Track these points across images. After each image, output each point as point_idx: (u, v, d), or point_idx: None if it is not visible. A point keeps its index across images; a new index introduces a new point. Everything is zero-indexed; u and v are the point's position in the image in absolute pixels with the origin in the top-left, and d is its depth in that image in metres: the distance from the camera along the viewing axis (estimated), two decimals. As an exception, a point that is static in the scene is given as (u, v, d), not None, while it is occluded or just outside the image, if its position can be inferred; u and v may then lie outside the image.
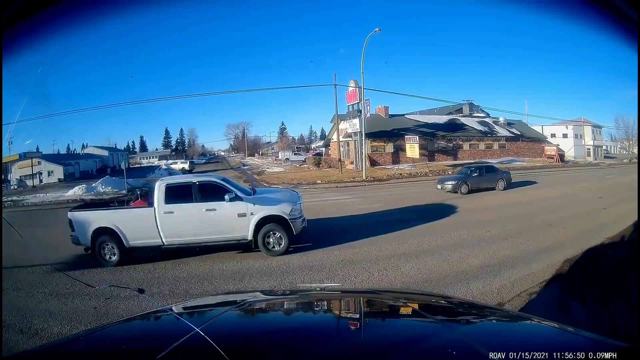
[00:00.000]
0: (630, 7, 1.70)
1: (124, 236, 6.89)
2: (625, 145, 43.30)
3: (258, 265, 6.49)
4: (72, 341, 1.66)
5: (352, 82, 26.66)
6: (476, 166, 17.11)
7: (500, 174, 16.35)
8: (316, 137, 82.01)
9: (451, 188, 15.00)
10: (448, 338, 1.24)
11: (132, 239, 6.95)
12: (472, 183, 15.18)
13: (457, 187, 14.89)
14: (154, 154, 67.65)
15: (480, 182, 15.50)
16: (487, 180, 15.72)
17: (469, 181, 15.22)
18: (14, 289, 5.71)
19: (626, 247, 6.76)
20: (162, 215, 6.86)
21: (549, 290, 5.02)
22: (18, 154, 32.41)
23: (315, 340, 1.28)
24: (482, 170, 16.10)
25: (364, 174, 23.07)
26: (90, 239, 6.94)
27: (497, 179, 15.94)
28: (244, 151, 67.18)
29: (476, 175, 15.64)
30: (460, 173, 16.79)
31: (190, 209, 6.92)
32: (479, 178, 15.59)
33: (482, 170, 16.10)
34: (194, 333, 1.17)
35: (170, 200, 6.90)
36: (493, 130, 35.64)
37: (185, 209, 6.90)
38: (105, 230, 6.89)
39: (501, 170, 17.22)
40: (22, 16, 1.71)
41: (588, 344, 1.24)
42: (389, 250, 7.05)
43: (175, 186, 7.11)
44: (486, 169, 16.47)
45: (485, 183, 15.61)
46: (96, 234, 6.91)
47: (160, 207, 6.89)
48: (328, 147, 38.59)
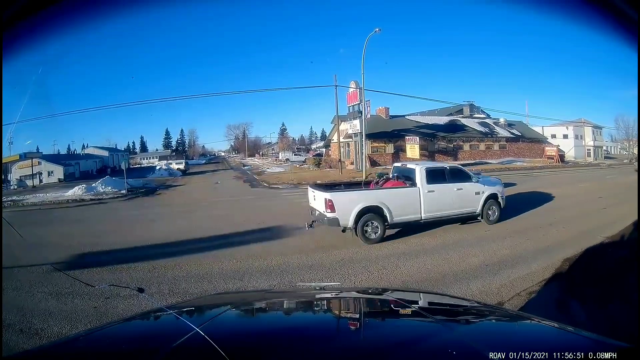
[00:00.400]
0: (630, 7, 1.70)
1: (389, 213, 7.69)
2: (626, 146, 43.28)
3: (258, 265, 6.49)
4: (72, 341, 1.66)
5: (352, 83, 26.67)
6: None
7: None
8: (317, 137, 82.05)
9: None
10: (448, 338, 1.24)
11: (397, 216, 7.80)
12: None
13: None
14: (154, 155, 67.62)
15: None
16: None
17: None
18: (14, 289, 5.70)
19: (626, 247, 6.76)
20: (425, 194, 8.15)
21: (548, 289, 5.02)
22: (18, 154, 32.41)
23: (315, 340, 1.28)
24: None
25: (364, 175, 23.06)
26: (354, 218, 7.45)
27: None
28: (244, 152, 67.19)
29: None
30: None
31: (445, 188, 8.44)
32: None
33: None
34: (194, 333, 1.17)
35: (430, 181, 8.26)
36: (493, 131, 35.65)
37: (442, 188, 8.37)
38: (370, 209, 7.56)
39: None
40: (22, 16, 1.71)
41: (588, 344, 1.24)
42: (388, 249, 7.05)
43: (432, 170, 8.58)
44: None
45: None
46: (361, 213, 7.49)
47: (423, 186, 8.18)
48: (328, 147, 38.59)
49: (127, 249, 8.16)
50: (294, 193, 17.84)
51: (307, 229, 8.24)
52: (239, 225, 10.17)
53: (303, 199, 15.36)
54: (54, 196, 20.20)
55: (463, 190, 8.68)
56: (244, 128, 71.05)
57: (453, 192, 8.54)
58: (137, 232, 9.91)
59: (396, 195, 8.03)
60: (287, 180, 22.62)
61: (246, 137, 69.23)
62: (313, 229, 8.30)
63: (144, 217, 12.61)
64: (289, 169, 31.07)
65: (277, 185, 21.19)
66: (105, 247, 8.40)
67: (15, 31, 1.73)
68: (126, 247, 8.32)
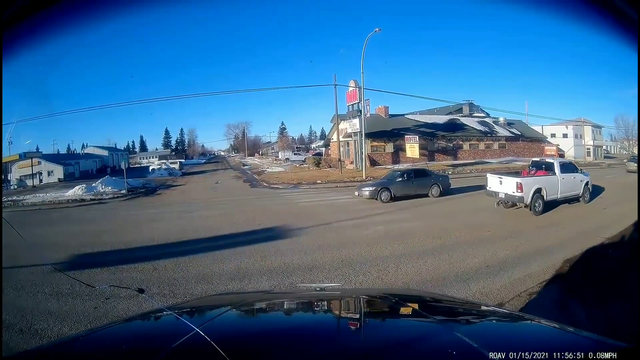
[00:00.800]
0: (630, 7, 1.69)
1: (546, 193, 10.60)
2: (625, 145, 43.33)
3: (258, 265, 6.49)
4: (72, 341, 1.66)
5: (352, 82, 26.67)
6: (404, 170, 15.34)
7: (435, 179, 14.68)
8: (316, 137, 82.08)
9: (369, 195, 13.50)
10: (448, 338, 1.24)
11: (548, 195, 10.67)
12: (395, 189, 13.60)
13: (376, 193, 13.36)
14: (154, 154, 67.59)
15: (407, 187, 13.85)
16: (416, 186, 13.98)
17: (392, 187, 13.63)
18: (14, 289, 5.70)
19: (626, 247, 6.76)
20: (561, 180, 11.14)
21: (549, 290, 5.03)
22: (18, 153, 32.42)
23: (315, 341, 1.28)
24: (410, 175, 14.39)
25: (364, 174, 23.07)
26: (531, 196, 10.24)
27: (429, 184, 14.20)
28: (244, 151, 67.20)
29: (402, 180, 14.02)
30: (384, 177, 15.24)
31: (568, 176, 11.47)
32: (406, 183, 13.94)
33: (410, 175, 14.39)
34: (194, 333, 1.17)
35: (562, 170, 11.30)
36: (493, 130, 35.63)
37: (567, 176, 11.42)
38: (538, 190, 10.42)
39: (437, 174, 15.67)
40: (22, 16, 1.71)
41: (588, 344, 1.24)
42: (388, 250, 7.06)
43: (562, 163, 11.84)
44: (416, 173, 14.63)
45: (414, 189, 13.90)
46: (533, 193, 10.32)
47: (559, 175, 11.20)
48: (328, 147, 38.58)
49: (128, 249, 8.17)
50: (294, 193, 17.86)
51: (496, 206, 11.20)
52: (239, 225, 10.18)
53: (303, 198, 15.44)
54: (54, 196, 20.20)
55: (575, 179, 11.73)
56: (243, 127, 71.11)
57: (571, 179, 11.57)
58: (137, 232, 9.91)
59: (547, 181, 10.92)
60: (287, 180, 22.63)
61: (246, 136, 69.27)
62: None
63: (144, 217, 12.61)
64: (289, 169, 31.08)
65: (277, 185, 21.20)
66: (105, 248, 8.40)
67: (15, 31, 1.73)
68: (126, 248, 8.33)
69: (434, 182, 14.31)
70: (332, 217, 10.65)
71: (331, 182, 21.33)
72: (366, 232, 8.71)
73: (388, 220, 10.21)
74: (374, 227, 9.24)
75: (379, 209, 12.07)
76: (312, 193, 17.56)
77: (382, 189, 13.40)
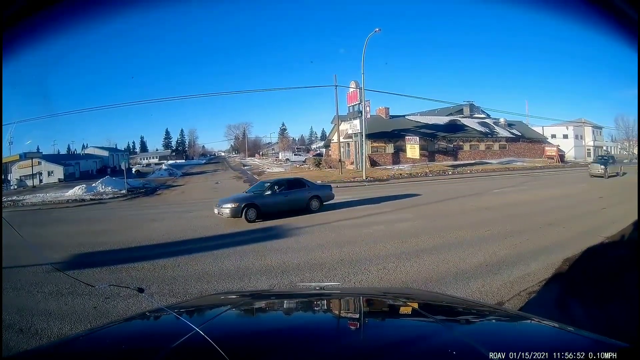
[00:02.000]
0: (630, 7, 1.70)
1: None
2: (626, 146, 43.30)
3: (258, 265, 6.49)
4: (72, 341, 1.66)
5: (352, 83, 26.72)
6: (275, 180, 12.83)
7: (314, 189, 12.32)
8: (317, 137, 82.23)
9: (230, 212, 10.46)
10: (448, 338, 1.24)
11: None
12: (265, 204, 10.96)
13: (240, 210, 10.44)
14: (154, 155, 67.71)
15: (279, 202, 11.32)
16: (290, 200, 11.49)
17: (260, 202, 10.95)
18: (14, 289, 5.70)
19: (626, 247, 6.76)
20: None
21: (548, 289, 5.02)
22: (18, 154, 32.50)
23: (315, 340, 1.28)
24: (282, 186, 11.90)
25: (364, 174, 23.08)
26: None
27: (307, 196, 11.80)
28: (244, 152, 67.25)
29: (272, 194, 11.44)
30: (250, 189, 12.49)
31: None
32: (277, 197, 11.40)
33: (282, 186, 11.90)
34: (194, 333, 1.17)
35: None
36: (493, 131, 35.65)
37: None
38: None
39: (315, 184, 13.30)
40: (22, 16, 1.71)
41: (588, 344, 1.24)
42: (388, 250, 7.05)
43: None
44: (290, 184, 12.18)
45: (289, 203, 11.42)
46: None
47: None
48: (328, 147, 38.61)
49: (127, 249, 8.17)
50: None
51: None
52: (238, 224, 10.18)
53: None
54: (54, 196, 20.21)
55: None
56: (244, 128, 71.20)
57: None
58: (137, 232, 9.91)
59: None
60: (287, 180, 22.61)
61: (246, 137, 69.35)
62: None
63: (144, 217, 12.61)
64: (289, 169, 31.09)
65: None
66: (105, 247, 8.41)
67: (15, 31, 1.73)
68: (126, 247, 8.34)
69: (312, 194, 11.99)
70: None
71: (331, 183, 21.31)
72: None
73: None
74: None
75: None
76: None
77: (247, 205, 10.64)
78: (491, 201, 13.06)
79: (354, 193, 16.77)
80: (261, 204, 10.90)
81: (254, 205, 10.75)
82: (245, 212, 10.50)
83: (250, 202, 10.79)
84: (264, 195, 11.33)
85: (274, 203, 11.23)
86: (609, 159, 23.97)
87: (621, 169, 22.51)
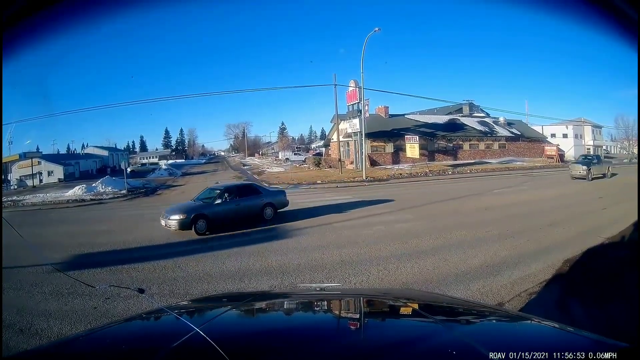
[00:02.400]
0: (630, 7, 1.69)
1: None
2: (626, 145, 43.30)
3: (258, 265, 6.49)
4: (72, 341, 1.66)
5: (352, 82, 26.69)
6: (225, 186, 11.08)
7: (268, 196, 10.97)
8: (316, 137, 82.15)
9: (177, 225, 9.21)
10: (448, 338, 1.24)
11: None
12: (214, 214, 9.65)
13: (187, 222, 9.21)
14: (154, 154, 67.66)
15: (231, 211, 9.99)
16: (242, 209, 10.17)
17: (209, 211, 9.62)
18: (14, 289, 5.70)
19: (626, 247, 6.76)
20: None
21: (549, 290, 5.02)
22: (18, 153, 32.47)
23: (315, 341, 1.28)
24: (233, 193, 10.41)
25: (364, 174, 23.07)
26: None
27: (260, 204, 10.52)
28: (244, 151, 67.22)
29: (223, 202, 10.00)
30: (198, 197, 10.71)
31: None
32: (228, 205, 10.00)
33: (233, 193, 10.41)
34: (194, 333, 1.17)
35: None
36: (493, 130, 35.63)
37: None
38: None
39: (269, 190, 12.03)
40: (22, 16, 1.71)
41: (588, 344, 1.24)
42: (388, 250, 7.06)
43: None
44: (241, 190, 10.73)
45: (240, 213, 10.11)
46: None
47: None
48: (328, 147, 38.59)
49: (127, 249, 8.18)
50: (294, 193, 17.84)
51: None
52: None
53: (303, 198, 15.41)
54: (54, 196, 20.21)
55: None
56: (243, 127, 71.14)
57: None
58: (137, 232, 9.91)
59: None
60: (287, 180, 22.63)
61: (246, 136, 69.31)
62: None
63: (143, 217, 12.60)
64: (289, 169, 31.09)
65: (278, 185, 21.19)
66: (105, 247, 8.41)
67: (15, 31, 1.73)
68: (126, 248, 8.34)
69: (266, 202, 10.70)
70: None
71: (331, 182, 21.34)
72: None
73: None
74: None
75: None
76: (312, 193, 17.56)
77: (197, 216, 9.40)
78: (491, 201, 13.06)
79: (356, 193, 16.78)
80: (211, 214, 9.63)
81: (203, 215, 9.50)
82: (195, 224, 9.30)
83: (199, 213, 9.51)
84: (214, 204, 9.92)
85: (225, 212, 9.93)
86: (593, 158, 22.03)
87: (609, 170, 20.83)
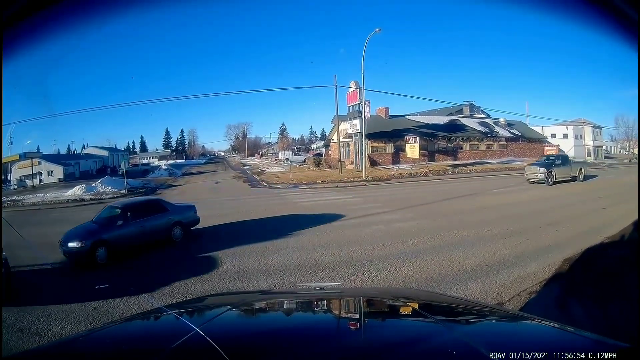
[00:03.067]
0: (630, 7, 1.70)
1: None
2: (626, 146, 43.31)
3: (257, 265, 6.49)
4: (72, 341, 1.66)
5: (352, 83, 26.69)
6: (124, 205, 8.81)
7: (175, 213, 8.89)
8: (316, 137, 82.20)
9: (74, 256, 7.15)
10: (448, 338, 1.24)
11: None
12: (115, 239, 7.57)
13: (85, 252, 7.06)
14: (154, 154, 67.72)
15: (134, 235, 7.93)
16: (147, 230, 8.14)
17: (109, 236, 7.52)
18: (14, 289, 5.70)
19: (626, 247, 6.76)
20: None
21: (548, 289, 5.02)
22: (18, 154, 32.51)
23: (315, 340, 1.28)
24: (136, 212, 8.32)
25: (364, 174, 23.07)
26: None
27: (168, 223, 8.59)
28: (244, 151, 67.26)
29: (123, 224, 7.94)
30: (97, 218, 8.44)
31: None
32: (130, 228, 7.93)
33: (136, 212, 8.32)
34: (194, 333, 1.17)
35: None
36: (493, 131, 35.64)
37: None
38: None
39: (176, 206, 9.35)
40: (22, 16, 1.71)
41: (588, 344, 1.24)
42: (388, 249, 7.05)
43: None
44: (144, 208, 8.63)
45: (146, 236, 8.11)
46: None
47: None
48: (328, 147, 38.59)
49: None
50: (294, 193, 17.85)
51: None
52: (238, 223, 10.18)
53: (303, 198, 15.43)
54: (54, 196, 20.21)
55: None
56: (243, 128, 71.21)
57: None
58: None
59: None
60: (287, 180, 22.62)
61: (246, 137, 69.37)
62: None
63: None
64: (289, 169, 31.09)
65: (277, 185, 21.19)
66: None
67: (15, 31, 1.73)
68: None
69: (175, 220, 8.76)
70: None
71: (331, 182, 21.33)
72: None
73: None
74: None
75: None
76: (312, 193, 17.56)
77: (97, 243, 7.26)
78: (491, 201, 13.06)
79: (356, 193, 16.77)
80: (112, 239, 7.53)
81: (103, 241, 7.37)
82: (95, 252, 7.17)
83: (97, 239, 7.34)
84: (115, 226, 7.89)
85: (129, 236, 7.88)
86: (557, 159, 19.01)
87: (581, 171, 18.39)
